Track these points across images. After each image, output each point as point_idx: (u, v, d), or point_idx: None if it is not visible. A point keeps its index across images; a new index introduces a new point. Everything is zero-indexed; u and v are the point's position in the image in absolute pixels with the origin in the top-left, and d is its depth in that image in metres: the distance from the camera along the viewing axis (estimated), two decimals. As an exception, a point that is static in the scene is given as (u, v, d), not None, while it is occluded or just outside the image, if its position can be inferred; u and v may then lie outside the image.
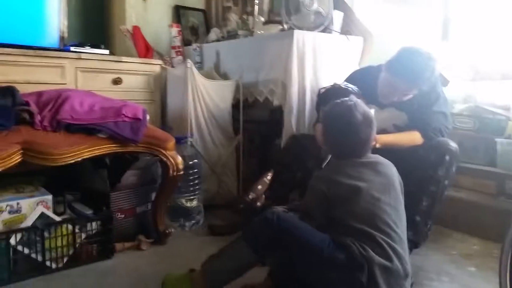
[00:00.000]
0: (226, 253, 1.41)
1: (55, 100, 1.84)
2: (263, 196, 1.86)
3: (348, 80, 2.09)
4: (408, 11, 3.13)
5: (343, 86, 1.89)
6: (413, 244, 1.79)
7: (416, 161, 1.75)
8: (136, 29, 2.81)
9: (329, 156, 1.73)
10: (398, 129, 1.89)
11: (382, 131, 1.81)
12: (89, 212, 1.88)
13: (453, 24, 3.12)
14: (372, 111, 1.78)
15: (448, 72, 2.88)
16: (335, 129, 1.49)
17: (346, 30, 2.70)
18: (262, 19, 2.71)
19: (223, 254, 1.42)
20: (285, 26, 2.51)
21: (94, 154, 1.76)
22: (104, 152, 1.79)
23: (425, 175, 1.77)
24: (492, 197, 2.16)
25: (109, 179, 1.94)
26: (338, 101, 1.51)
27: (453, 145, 1.79)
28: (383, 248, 1.28)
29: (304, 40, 2.38)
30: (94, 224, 1.81)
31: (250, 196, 1.88)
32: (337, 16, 2.58)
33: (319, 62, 2.47)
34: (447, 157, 1.76)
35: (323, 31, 2.52)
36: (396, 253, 1.29)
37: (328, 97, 1.90)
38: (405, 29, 2.98)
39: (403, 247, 1.33)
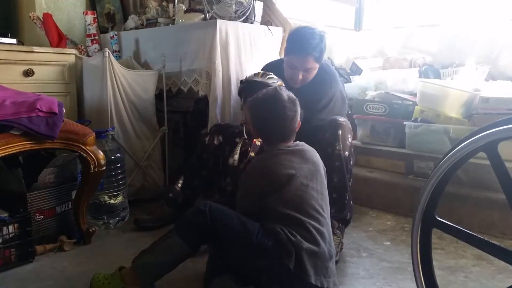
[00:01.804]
0: (158, 247, 1.41)
1: (-42, 95, 1.68)
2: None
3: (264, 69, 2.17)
4: (324, 2, 3.26)
5: (264, 78, 1.95)
6: (343, 221, 1.88)
7: (317, 143, 1.81)
8: (47, 16, 2.62)
9: (257, 147, 1.78)
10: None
11: None
12: (4, 214, 1.75)
13: (366, 15, 3.32)
14: None
15: (361, 60, 3.07)
16: (263, 110, 1.52)
17: (267, 20, 2.77)
18: (183, 7, 2.66)
19: (155, 248, 1.41)
20: (207, 15, 2.49)
21: (7, 153, 1.63)
22: (18, 150, 1.67)
23: (327, 153, 1.85)
24: (402, 176, 2.36)
25: (24, 178, 1.81)
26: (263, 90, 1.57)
27: (342, 119, 1.90)
28: (311, 233, 1.35)
29: (227, 30, 2.40)
30: (10, 227, 1.68)
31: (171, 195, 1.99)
32: (258, 6, 2.62)
33: (243, 52, 2.50)
34: (340, 132, 1.86)
35: (245, 21, 2.55)
36: (322, 237, 1.37)
37: (251, 85, 1.95)
38: (321, 20, 3.11)
39: (328, 230, 1.42)
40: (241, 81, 2.08)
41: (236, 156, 1.98)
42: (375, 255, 1.81)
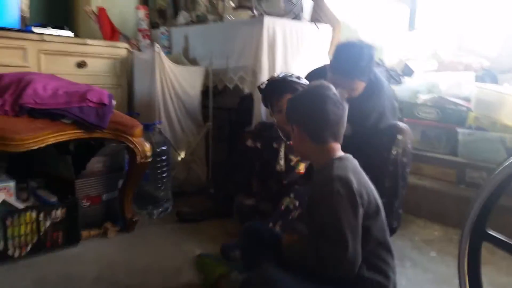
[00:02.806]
0: None
1: (17, 84, 1.77)
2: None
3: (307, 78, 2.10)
4: (376, 0, 3.17)
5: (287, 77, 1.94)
6: (390, 229, 1.81)
7: (370, 148, 1.79)
8: (101, 10, 2.72)
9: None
10: (345, 137, 1.92)
11: None
12: (53, 199, 1.83)
13: (420, 15, 3.19)
14: None
15: (413, 61, 2.96)
16: (313, 100, 1.27)
17: (315, 17, 2.72)
18: (232, 4, 2.67)
19: None
20: (255, 12, 2.49)
21: (58, 140, 1.70)
22: (68, 138, 1.74)
23: (381, 158, 1.80)
24: (453, 185, 2.24)
25: (74, 165, 1.89)
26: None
27: (402, 125, 1.84)
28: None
29: (275, 27, 2.38)
30: (59, 211, 1.76)
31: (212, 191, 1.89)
32: (307, 3, 2.58)
33: (290, 50, 2.48)
34: (400, 136, 1.80)
35: (293, 18, 2.52)
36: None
37: (275, 87, 1.94)
38: (372, 18, 3.02)
39: None
40: (259, 87, 2.06)
41: (282, 162, 1.99)
42: (419, 265, 1.73)
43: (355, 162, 1.24)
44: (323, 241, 1.13)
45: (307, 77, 2.09)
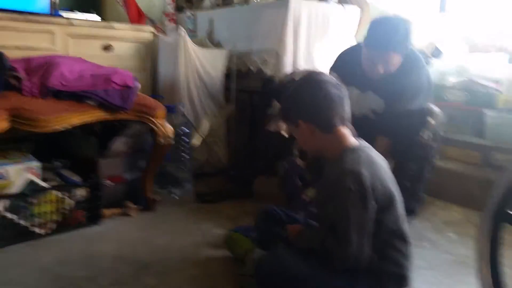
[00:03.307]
0: None
1: (44, 66, 1.81)
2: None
3: (336, 63, 2.04)
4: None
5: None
6: (410, 212, 1.77)
7: (401, 130, 1.75)
8: (128, -6, 2.75)
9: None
10: (376, 114, 1.89)
11: (362, 116, 1.84)
12: (77, 179, 1.89)
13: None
14: (355, 93, 1.84)
15: (443, 44, 2.86)
16: (309, 88, 1.23)
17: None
18: (258, -14, 2.65)
19: None
20: (281, -6, 2.46)
21: (83, 121, 1.75)
22: (93, 119, 1.78)
23: (410, 140, 1.76)
24: (477, 168, 2.17)
25: (98, 146, 1.93)
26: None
27: (435, 108, 1.79)
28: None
29: (300, 9, 2.35)
30: (82, 190, 1.81)
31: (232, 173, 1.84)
32: (334, -16, 2.53)
33: (314, 32, 2.44)
34: (432, 120, 1.75)
35: (320, 0, 2.48)
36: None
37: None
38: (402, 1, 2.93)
39: None
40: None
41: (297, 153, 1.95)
42: (438, 246, 1.70)
43: (368, 151, 1.20)
44: (330, 235, 1.14)
45: (338, 58, 2.04)
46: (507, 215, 1.04)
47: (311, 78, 1.26)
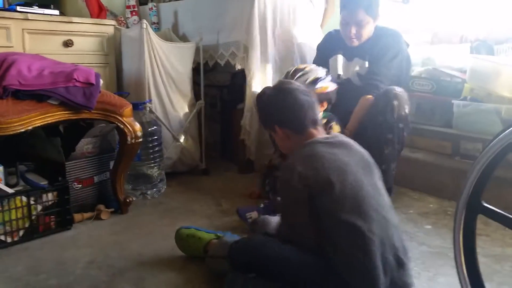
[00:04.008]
0: None
1: (0, 65, 1.71)
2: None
3: (321, 43, 2.27)
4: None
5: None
6: (388, 191, 1.82)
7: (368, 114, 1.87)
8: (88, -13, 2.63)
9: None
10: (360, 77, 2.05)
11: (347, 80, 2.08)
12: (44, 182, 1.80)
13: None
14: (340, 60, 2.11)
15: (408, 35, 2.90)
16: (278, 94, 1.34)
17: (308, -10, 2.65)
18: (222, -23, 2.59)
19: None
20: (246, -15, 2.41)
21: (45, 122, 1.67)
22: (56, 120, 1.70)
23: (377, 122, 1.84)
24: (448, 157, 2.23)
25: (63, 148, 1.85)
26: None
27: (398, 89, 1.86)
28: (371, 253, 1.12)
29: (266, 1, 2.32)
30: (50, 195, 1.73)
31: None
32: (300, -24, 2.51)
33: (280, 24, 2.42)
34: (395, 102, 1.82)
35: (285, -9, 2.46)
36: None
37: None
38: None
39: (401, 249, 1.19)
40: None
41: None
42: (414, 238, 1.73)
43: (321, 148, 1.22)
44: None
45: (323, 39, 2.27)
46: (481, 206, 1.06)
47: (281, 87, 1.37)
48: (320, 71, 1.95)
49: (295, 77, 1.90)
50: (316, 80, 1.91)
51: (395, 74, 2.00)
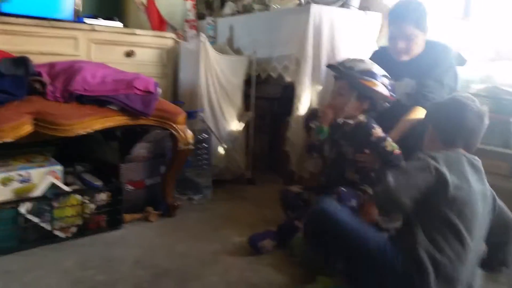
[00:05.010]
0: None
1: (68, 71, 1.84)
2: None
3: (371, 58, 2.09)
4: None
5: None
6: None
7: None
8: (150, 1, 2.80)
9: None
10: (409, 97, 1.99)
11: (395, 101, 1.93)
12: (98, 183, 1.90)
13: (475, 2, 3.01)
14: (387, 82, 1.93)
15: (467, 51, 2.80)
16: (450, 109, 1.38)
17: (364, 5, 2.63)
18: (279, -7, 2.65)
19: None
20: (302, 0, 2.45)
21: (105, 126, 1.77)
22: (115, 124, 1.80)
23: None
24: (505, 178, 2.11)
25: (119, 151, 1.95)
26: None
27: None
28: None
29: (321, 15, 2.33)
30: (103, 195, 1.83)
31: None
32: (356, -9, 2.51)
33: (337, 39, 2.42)
34: None
35: (341, 6, 2.47)
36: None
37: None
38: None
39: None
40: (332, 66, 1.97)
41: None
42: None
43: (465, 165, 1.31)
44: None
45: (371, 56, 2.15)
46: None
47: (459, 98, 1.40)
48: (378, 69, 1.81)
49: (344, 62, 1.82)
50: (368, 72, 1.77)
51: (447, 85, 1.94)
